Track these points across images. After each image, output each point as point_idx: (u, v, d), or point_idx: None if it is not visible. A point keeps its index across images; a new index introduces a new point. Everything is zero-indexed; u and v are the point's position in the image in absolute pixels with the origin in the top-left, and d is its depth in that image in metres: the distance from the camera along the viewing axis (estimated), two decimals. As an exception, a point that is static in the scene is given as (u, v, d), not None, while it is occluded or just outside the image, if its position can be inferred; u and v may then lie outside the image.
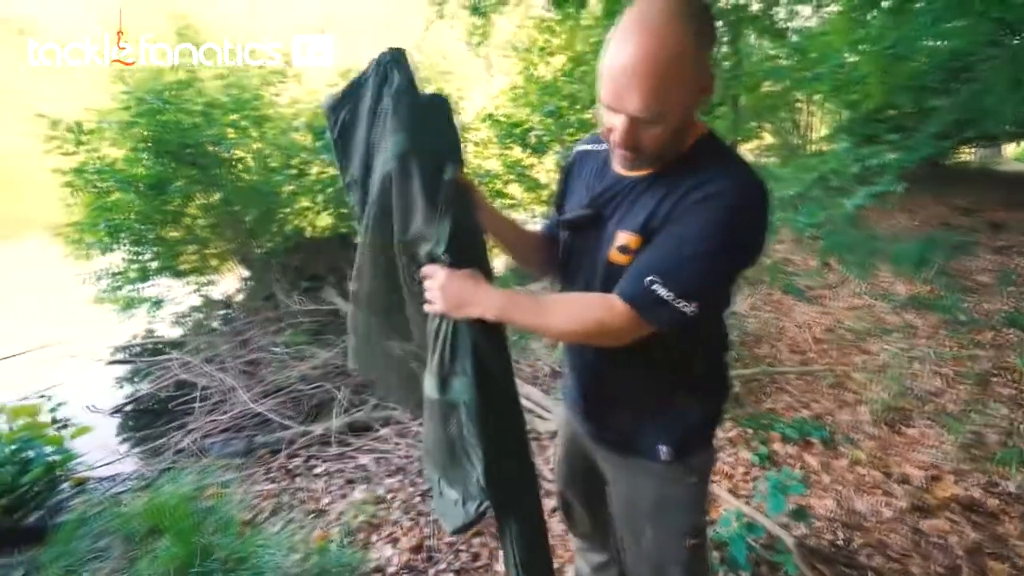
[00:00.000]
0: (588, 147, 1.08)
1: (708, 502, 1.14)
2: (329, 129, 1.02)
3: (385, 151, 0.93)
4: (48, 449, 2.19)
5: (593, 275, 0.97)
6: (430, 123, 0.95)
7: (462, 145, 1.06)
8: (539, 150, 5.27)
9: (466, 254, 0.94)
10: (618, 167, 0.96)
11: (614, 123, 0.84)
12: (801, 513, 1.83)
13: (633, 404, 1.03)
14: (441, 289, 0.91)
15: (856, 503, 2.10)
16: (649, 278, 0.83)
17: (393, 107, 0.91)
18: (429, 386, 0.97)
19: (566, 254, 1.05)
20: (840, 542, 1.90)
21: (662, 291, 0.82)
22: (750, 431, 2.56)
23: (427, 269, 0.95)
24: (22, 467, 2.10)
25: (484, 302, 0.92)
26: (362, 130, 0.97)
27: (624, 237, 0.90)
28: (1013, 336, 3.39)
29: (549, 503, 2.15)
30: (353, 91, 0.97)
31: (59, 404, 2.52)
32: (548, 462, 2.47)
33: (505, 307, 0.92)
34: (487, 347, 0.94)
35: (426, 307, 0.96)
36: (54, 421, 2.36)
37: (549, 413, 2.80)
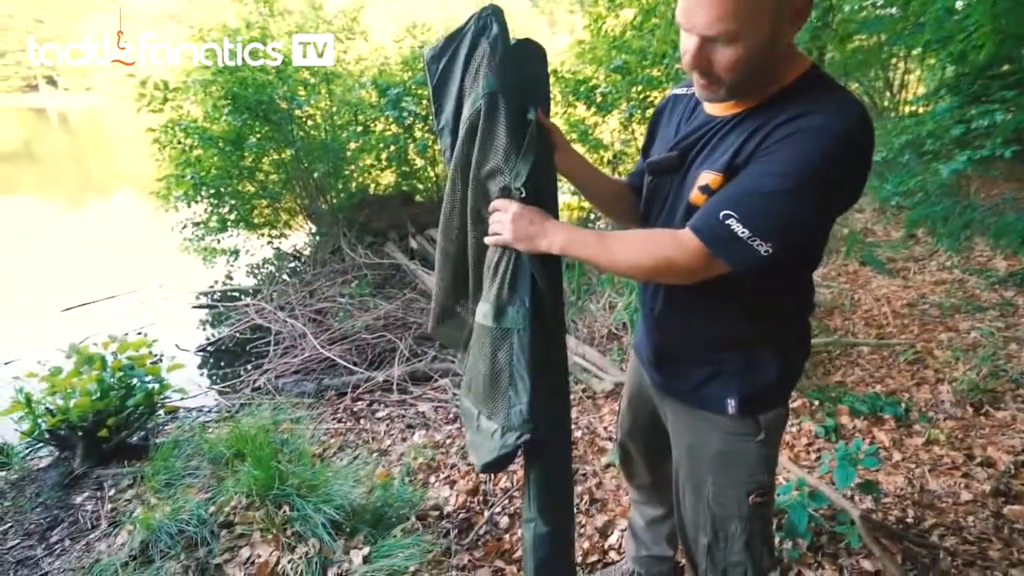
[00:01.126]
0: (680, 91, 1.03)
1: (776, 463, 1.10)
2: (428, 77, 1.06)
3: (475, 91, 0.95)
4: (148, 378, 2.44)
5: (672, 220, 0.93)
6: (522, 66, 0.98)
7: (551, 90, 1.07)
8: (604, 108, 5.08)
9: (539, 192, 0.96)
10: (706, 105, 0.90)
11: (687, 45, 0.79)
12: (869, 487, 1.75)
13: (705, 355, 1.00)
14: (513, 220, 0.92)
15: (930, 483, 1.98)
16: (724, 212, 0.79)
17: (490, 52, 0.93)
18: (483, 314, 1.00)
19: (648, 200, 1.02)
20: (909, 520, 1.81)
21: (737, 227, 0.77)
22: (815, 403, 2.45)
23: (498, 202, 0.95)
24: (127, 392, 2.35)
25: (551, 235, 0.92)
26: (457, 78, 1.01)
27: (706, 177, 0.86)
28: None
29: (603, 459, 2.19)
30: (451, 42, 1.01)
31: (153, 341, 2.78)
32: (602, 420, 2.49)
33: (571, 241, 0.91)
34: (545, 282, 0.97)
35: (490, 239, 0.97)
36: (150, 355, 2.60)
37: (606, 373, 2.80)
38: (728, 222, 0.78)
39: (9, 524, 1.96)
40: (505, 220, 0.93)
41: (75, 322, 4.01)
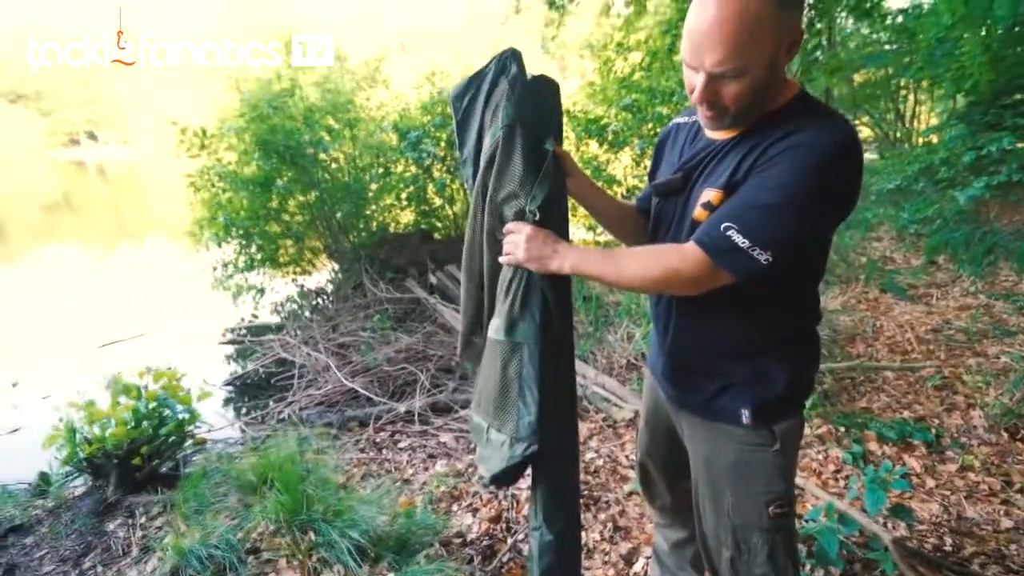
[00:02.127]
0: (682, 119, 1.11)
1: (794, 474, 1.11)
2: (453, 113, 1.16)
3: (495, 124, 1.04)
4: (179, 407, 2.52)
5: (679, 237, 0.99)
6: (538, 100, 1.06)
7: (563, 127, 1.16)
8: (616, 145, 5.24)
9: (551, 216, 1.03)
10: (708, 131, 0.98)
11: (695, 81, 0.86)
12: (901, 511, 1.71)
13: (717, 366, 1.03)
14: (527, 241, 0.98)
15: (967, 510, 1.93)
16: (725, 224, 0.84)
17: (509, 89, 1.03)
18: (495, 328, 1.05)
19: (656, 220, 1.09)
20: (947, 548, 1.76)
21: (737, 238, 0.83)
22: (842, 429, 2.41)
23: (513, 224, 1.02)
24: (160, 421, 2.43)
25: (562, 256, 0.98)
26: (478, 113, 1.10)
27: (708, 194, 0.92)
28: None
29: (626, 487, 2.18)
30: (474, 81, 1.10)
31: (181, 376, 2.88)
32: (624, 448, 2.47)
33: (581, 260, 0.98)
34: (555, 299, 1.03)
35: (504, 258, 1.04)
36: (181, 386, 2.70)
37: (625, 402, 2.80)
38: (729, 233, 0.84)
39: (45, 551, 2.01)
40: (519, 241, 1.00)
41: (110, 359, 4.16)
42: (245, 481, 2.18)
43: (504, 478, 1.03)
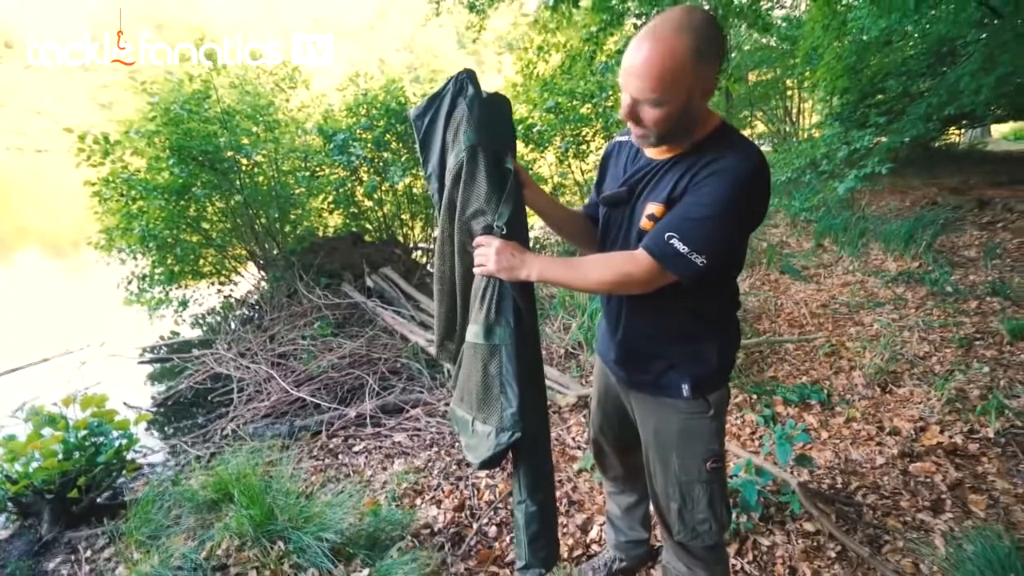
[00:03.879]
0: (623, 138, 1.29)
1: (724, 433, 1.34)
2: (415, 132, 1.25)
3: (458, 145, 1.15)
4: (115, 434, 2.39)
5: (627, 244, 1.18)
6: (494, 118, 1.18)
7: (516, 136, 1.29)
8: (541, 145, 5.46)
9: (516, 229, 1.17)
10: (642, 147, 1.17)
11: (624, 101, 1.05)
12: (804, 459, 2.04)
13: (661, 350, 1.23)
14: (497, 253, 1.12)
15: (852, 454, 2.32)
16: (668, 233, 1.03)
17: (468, 110, 1.14)
18: (473, 333, 1.18)
19: (604, 228, 1.27)
20: (839, 486, 2.12)
21: (679, 245, 1.02)
22: (755, 396, 2.78)
23: (482, 239, 1.16)
24: (96, 450, 2.30)
25: (529, 265, 1.13)
26: (439, 131, 1.20)
27: (652, 207, 1.11)
28: (996, 304, 3.62)
29: (576, 465, 2.38)
30: (433, 102, 1.21)
31: (104, 399, 2.71)
32: (570, 431, 2.68)
33: (546, 269, 1.13)
34: (524, 304, 1.17)
35: (477, 269, 1.17)
36: (115, 412, 2.55)
37: (567, 389, 3.01)
38: (672, 241, 1.03)
39: (-21, 599, 1.87)
40: (489, 253, 1.14)
41: (11, 389, 3.77)
42: (202, 500, 2.15)
43: (491, 463, 1.17)
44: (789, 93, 12.20)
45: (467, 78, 1.17)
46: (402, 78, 5.48)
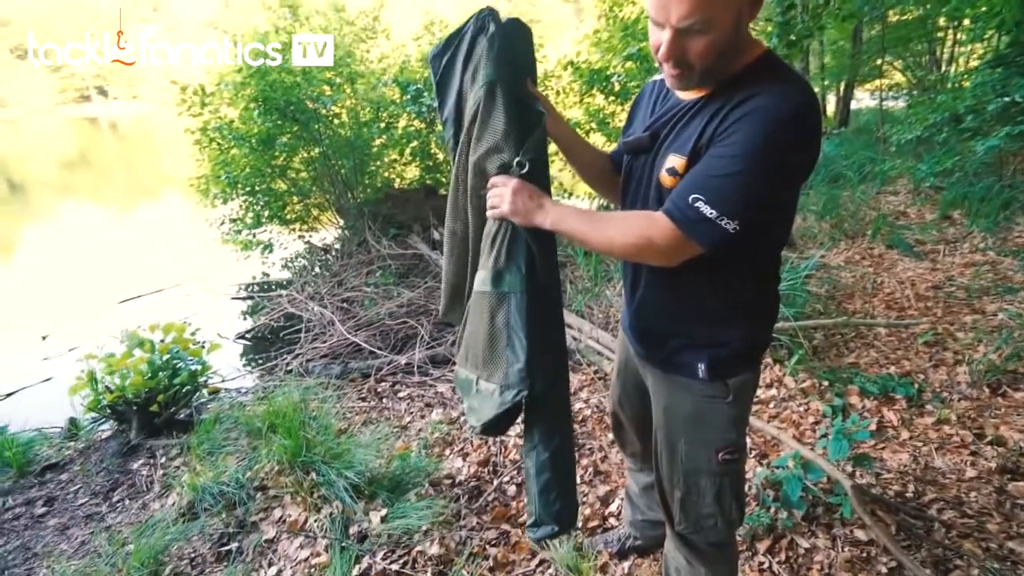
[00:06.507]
0: (659, 77, 1.11)
1: (746, 424, 1.18)
2: (432, 74, 1.16)
3: (476, 85, 1.05)
4: (191, 359, 2.68)
5: (647, 198, 1.02)
6: (516, 50, 1.07)
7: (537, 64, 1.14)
8: (622, 96, 5.09)
9: (537, 169, 1.04)
10: (674, 90, 0.99)
11: (661, 39, 0.86)
12: (864, 459, 1.79)
13: (678, 327, 1.08)
14: (513, 194, 1.00)
15: (936, 460, 2.00)
16: (693, 195, 0.86)
17: (488, 47, 1.03)
18: (481, 280, 1.07)
19: (626, 179, 1.11)
20: (909, 494, 1.84)
21: (706, 209, 0.84)
22: (825, 383, 2.47)
23: (498, 179, 1.03)
24: (174, 372, 2.59)
25: (545, 211, 1.00)
26: (458, 73, 1.11)
27: (673, 160, 0.94)
28: None
29: (610, 435, 2.29)
30: (452, 40, 1.11)
31: (196, 330, 3.04)
32: (611, 400, 2.58)
33: (561, 218, 1.00)
34: (539, 251, 1.04)
35: (490, 211, 1.05)
36: (193, 340, 2.85)
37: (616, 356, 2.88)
38: (697, 204, 0.85)
39: (78, 486, 2.22)
40: (505, 194, 1.01)
41: (129, 313, 4.36)
42: (253, 427, 2.34)
43: (495, 426, 1.06)
44: (939, 34, 10.23)
45: (488, 15, 1.06)
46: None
